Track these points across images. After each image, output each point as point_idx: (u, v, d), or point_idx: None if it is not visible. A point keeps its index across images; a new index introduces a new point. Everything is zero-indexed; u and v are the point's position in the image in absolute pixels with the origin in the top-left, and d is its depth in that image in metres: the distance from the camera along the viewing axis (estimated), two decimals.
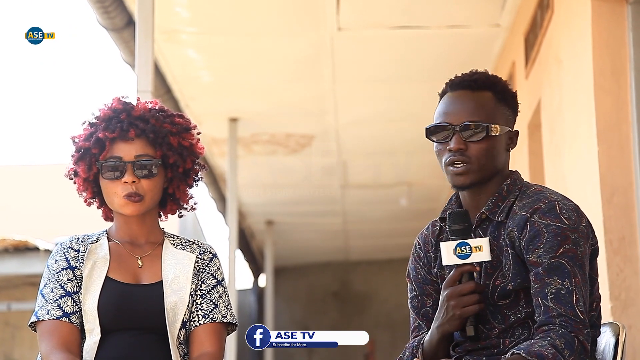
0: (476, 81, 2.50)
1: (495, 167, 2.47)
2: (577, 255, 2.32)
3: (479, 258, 2.40)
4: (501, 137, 2.47)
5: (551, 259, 2.31)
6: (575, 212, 2.37)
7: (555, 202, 2.37)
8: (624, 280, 4.20)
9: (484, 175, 2.46)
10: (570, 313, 2.26)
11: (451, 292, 2.40)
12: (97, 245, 2.74)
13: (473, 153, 2.45)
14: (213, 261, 2.79)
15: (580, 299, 2.27)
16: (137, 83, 4.53)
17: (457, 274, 2.41)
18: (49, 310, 2.64)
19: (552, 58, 5.30)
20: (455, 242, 2.41)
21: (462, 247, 2.40)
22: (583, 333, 2.25)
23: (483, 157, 2.45)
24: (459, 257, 2.40)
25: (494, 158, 2.46)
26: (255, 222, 12.50)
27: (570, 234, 2.33)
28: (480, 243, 2.40)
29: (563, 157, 5.07)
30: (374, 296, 15.33)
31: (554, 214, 2.35)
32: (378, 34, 6.70)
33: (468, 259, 2.40)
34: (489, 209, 2.47)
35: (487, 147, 2.45)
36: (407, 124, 8.46)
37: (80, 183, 2.77)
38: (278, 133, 8.89)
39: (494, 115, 2.47)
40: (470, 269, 2.40)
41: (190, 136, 2.81)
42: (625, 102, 4.33)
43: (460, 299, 2.39)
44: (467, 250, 2.40)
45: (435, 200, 11.15)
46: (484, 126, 2.44)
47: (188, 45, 6.89)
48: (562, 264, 2.30)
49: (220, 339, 2.71)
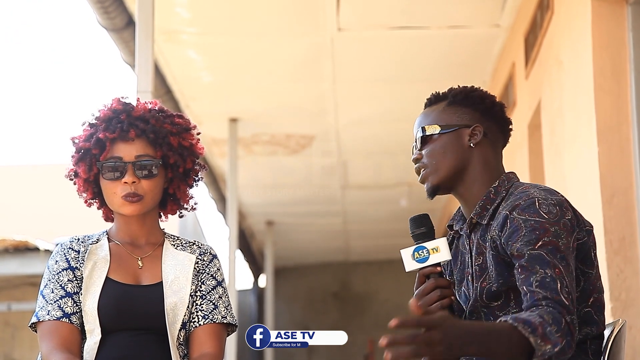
0: (433, 97, 2.62)
1: (453, 164, 2.53)
2: (558, 247, 2.30)
3: (438, 259, 2.45)
4: (448, 135, 2.53)
5: (531, 250, 2.32)
6: (557, 206, 2.35)
7: (535, 198, 2.37)
8: (624, 281, 4.20)
9: (441, 175, 2.54)
10: (555, 297, 2.25)
11: (416, 295, 2.48)
12: (97, 246, 2.74)
13: (424, 159, 2.56)
14: (213, 262, 2.79)
15: (564, 287, 2.26)
16: (137, 83, 4.53)
17: (420, 277, 2.48)
18: (50, 310, 2.64)
19: (552, 59, 5.30)
20: (412, 248, 2.47)
21: (419, 251, 2.46)
22: (568, 317, 2.23)
23: (432, 158, 2.54)
24: (417, 261, 2.46)
25: (444, 155, 2.53)
26: (256, 222, 12.50)
27: (550, 227, 2.32)
28: (436, 244, 2.45)
29: (563, 157, 5.07)
30: (374, 296, 15.33)
31: (532, 209, 2.35)
32: (378, 34, 6.70)
33: (427, 261, 2.45)
34: (476, 213, 2.50)
35: (432, 149, 2.54)
36: (407, 125, 8.40)
37: (81, 184, 2.77)
38: (278, 133, 8.89)
39: (437, 119, 2.56)
40: (431, 271, 2.46)
41: (190, 136, 2.81)
42: (625, 103, 4.33)
43: (424, 299, 2.45)
44: (424, 253, 2.46)
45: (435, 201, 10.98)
46: (422, 130, 2.56)
47: (188, 46, 6.89)
48: (542, 254, 2.30)
49: (220, 340, 2.71)
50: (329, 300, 15.45)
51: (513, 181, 2.53)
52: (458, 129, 2.54)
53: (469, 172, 2.53)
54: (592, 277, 2.43)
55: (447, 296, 2.44)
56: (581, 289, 2.41)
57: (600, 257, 4.17)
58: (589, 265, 2.42)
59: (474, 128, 2.54)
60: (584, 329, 2.40)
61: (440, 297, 2.43)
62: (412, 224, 2.50)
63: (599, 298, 2.43)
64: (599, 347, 2.42)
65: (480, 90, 2.61)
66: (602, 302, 2.44)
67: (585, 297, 2.41)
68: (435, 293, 2.44)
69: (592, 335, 2.41)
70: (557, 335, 2.15)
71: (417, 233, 2.49)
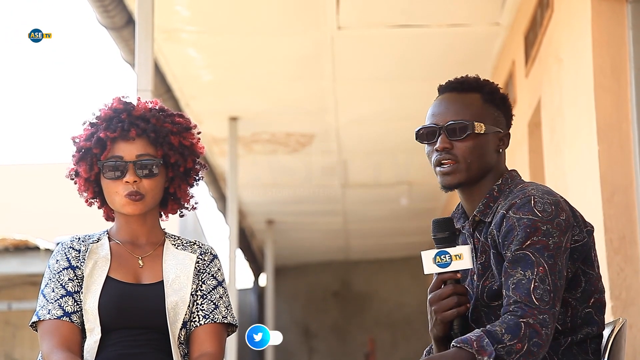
0: (463, 83, 2.55)
1: (483, 167, 2.49)
2: (548, 245, 2.31)
3: (459, 266, 2.40)
4: (488, 137, 2.49)
5: (516, 251, 2.33)
6: (553, 205, 2.35)
7: (532, 196, 2.37)
8: (625, 280, 4.20)
9: (471, 174, 2.49)
10: (525, 299, 2.28)
11: (432, 297, 2.43)
12: (98, 245, 2.75)
13: (459, 151, 2.48)
14: (214, 262, 2.80)
15: (539, 287, 2.27)
16: (137, 82, 4.52)
17: (438, 281, 2.44)
18: (50, 309, 2.64)
19: (552, 57, 5.30)
20: (434, 252, 2.42)
21: (441, 255, 2.41)
22: (537, 317, 2.26)
23: (469, 155, 2.48)
24: (439, 265, 2.41)
25: (481, 157, 2.48)
26: (256, 221, 12.50)
27: (542, 225, 2.32)
28: (460, 251, 2.40)
29: (563, 156, 5.07)
30: (374, 295, 15.32)
31: (527, 208, 2.35)
32: (378, 32, 6.70)
33: (448, 267, 2.40)
34: (480, 210, 2.49)
35: (473, 145, 2.48)
36: (407, 123, 8.45)
37: (82, 183, 2.77)
38: (278, 132, 8.89)
39: (480, 114, 2.50)
40: (451, 277, 2.42)
41: (190, 135, 2.81)
42: (625, 101, 4.33)
43: (440, 303, 2.41)
44: (446, 258, 2.41)
45: (435, 199, 11.15)
46: (467, 124, 2.48)
47: (188, 44, 6.89)
48: (527, 254, 2.31)
49: (220, 340, 2.71)
50: (329, 299, 15.45)
51: (516, 179, 2.53)
52: (496, 131, 2.51)
53: (488, 175, 2.51)
54: (594, 278, 2.43)
55: (464, 304, 2.41)
56: (582, 289, 2.41)
57: (601, 255, 4.16)
58: (590, 266, 2.42)
59: (505, 135, 2.53)
60: (584, 329, 2.40)
61: (457, 304, 2.40)
62: (436, 227, 2.45)
63: (600, 299, 2.43)
64: (599, 345, 2.42)
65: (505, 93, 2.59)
66: (602, 303, 2.44)
67: (587, 297, 2.41)
68: (452, 300, 2.40)
69: (593, 335, 2.41)
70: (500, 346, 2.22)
71: (440, 237, 2.43)
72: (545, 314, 2.26)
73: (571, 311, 2.40)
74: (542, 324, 2.26)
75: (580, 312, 2.40)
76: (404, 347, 14.83)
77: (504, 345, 2.23)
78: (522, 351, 2.23)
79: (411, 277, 14.71)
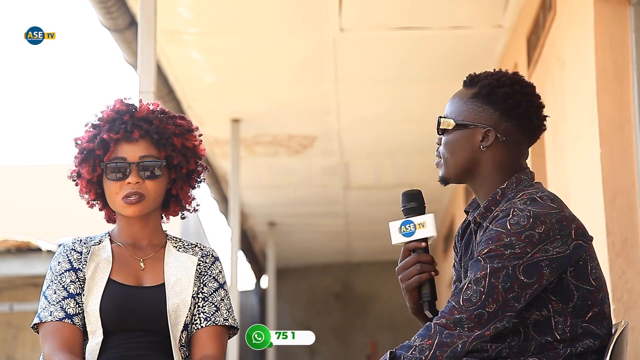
0: (466, 79, 2.56)
1: (460, 163, 2.50)
2: (502, 254, 2.30)
3: (424, 234, 2.45)
4: (461, 133, 2.49)
5: (472, 259, 2.37)
6: (532, 218, 2.32)
7: (512, 209, 2.35)
8: (627, 282, 4.20)
9: (449, 170, 2.51)
10: (453, 299, 2.32)
11: (397, 268, 2.48)
12: (99, 247, 2.75)
13: (441, 148, 2.53)
14: (215, 264, 2.80)
15: (471, 288, 2.30)
16: (140, 84, 4.52)
17: (405, 251, 2.48)
18: (52, 311, 2.64)
19: (554, 59, 5.29)
20: (400, 221, 2.47)
21: (406, 225, 2.46)
22: (451, 317, 2.29)
23: (443, 151, 2.52)
24: (404, 235, 2.46)
25: (454, 154, 2.49)
26: (258, 223, 12.50)
27: (506, 237, 2.32)
28: (423, 220, 2.45)
29: (565, 158, 5.07)
30: (376, 297, 15.32)
31: (502, 221, 2.35)
32: (380, 35, 6.70)
33: (412, 236, 2.45)
34: (480, 213, 2.49)
35: (445, 142, 2.52)
36: (409, 125, 8.46)
37: (84, 184, 2.77)
38: (280, 134, 8.89)
39: (458, 110, 2.51)
40: (415, 246, 2.46)
41: (193, 137, 2.82)
42: (627, 104, 4.33)
43: (404, 272, 2.46)
44: (411, 227, 2.46)
45: (437, 201, 11.14)
46: (439, 120, 2.52)
47: (190, 46, 6.89)
48: (478, 260, 2.33)
49: (221, 342, 2.72)
50: (331, 301, 15.45)
51: (523, 184, 2.49)
52: (472, 127, 2.49)
53: (479, 172, 2.50)
54: (592, 291, 2.38)
55: (427, 271, 2.44)
56: (574, 304, 2.37)
57: (603, 258, 4.15)
58: (584, 281, 2.37)
59: (487, 131, 2.48)
60: (585, 341, 2.37)
61: (420, 272, 2.44)
62: (404, 198, 2.50)
63: (600, 311, 2.39)
64: (601, 356, 2.39)
65: (510, 86, 2.50)
66: (603, 315, 2.40)
67: (582, 312, 2.37)
68: (415, 267, 2.44)
69: (595, 348, 2.38)
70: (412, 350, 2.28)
71: (407, 207, 2.49)
72: (463, 314, 2.29)
73: (570, 321, 2.36)
74: (455, 323, 2.29)
75: (580, 323, 2.37)
76: None
77: (415, 347, 2.29)
78: (433, 345, 2.27)
79: None
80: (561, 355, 2.35)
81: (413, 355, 2.27)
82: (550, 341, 2.36)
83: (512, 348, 2.36)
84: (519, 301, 2.31)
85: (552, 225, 2.34)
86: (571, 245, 2.36)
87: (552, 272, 2.33)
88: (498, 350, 2.37)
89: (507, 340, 2.38)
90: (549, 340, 2.36)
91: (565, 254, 2.35)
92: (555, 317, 2.36)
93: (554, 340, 2.36)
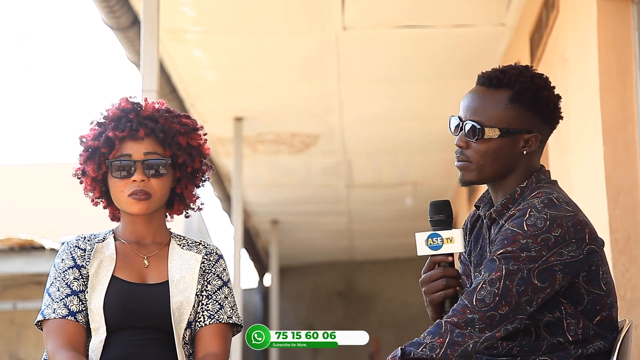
0: (493, 79, 2.46)
1: (499, 169, 2.46)
2: (518, 256, 2.30)
3: (451, 249, 2.43)
4: (505, 140, 2.43)
5: (488, 258, 2.36)
6: (549, 220, 2.31)
7: (530, 209, 2.34)
8: (630, 280, 4.20)
9: (484, 175, 2.46)
10: (467, 298, 2.31)
11: (423, 279, 2.47)
12: (103, 244, 2.75)
13: (471, 153, 2.46)
14: (219, 262, 2.80)
15: (485, 289, 2.30)
16: (142, 82, 4.53)
17: (430, 263, 2.46)
18: (55, 309, 2.65)
19: (557, 58, 5.29)
20: (427, 234, 2.44)
21: (433, 238, 2.44)
22: (463, 316, 2.29)
23: (480, 159, 2.45)
24: (430, 247, 2.44)
25: (495, 160, 2.44)
26: (261, 221, 12.51)
27: (522, 239, 2.31)
28: (452, 235, 2.42)
29: (568, 156, 5.07)
30: (379, 296, 15.33)
31: (518, 221, 2.34)
32: (383, 33, 6.70)
33: (439, 250, 2.43)
34: (497, 210, 2.47)
35: (485, 149, 2.44)
36: (412, 123, 8.46)
37: (89, 182, 2.77)
38: (283, 132, 8.89)
39: (499, 117, 2.43)
40: (442, 259, 2.44)
41: (198, 136, 2.82)
42: (630, 102, 4.33)
43: (429, 285, 2.45)
44: (438, 241, 2.43)
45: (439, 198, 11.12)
46: (479, 128, 2.43)
47: (193, 45, 6.90)
48: (493, 260, 2.32)
49: (225, 340, 2.72)
50: (334, 299, 15.45)
51: (541, 182, 2.48)
52: (517, 133, 2.44)
53: (512, 175, 2.47)
54: (602, 296, 2.39)
55: (452, 287, 2.43)
56: (583, 308, 2.38)
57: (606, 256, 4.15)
58: (595, 286, 2.38)
59: (532, 137, 2.45)
60: (596, 342, 2.38)
61: (445, 287, 2.42)
62: (432, 209, 2.47)
63: (608, 316, 2.40)
64: (608, 357, 2.40)
65: (547, 90, 2.47)
66: (611, 319, 2.41)
67: (591, 315, 2.38)
68: (441, 282, 2.43)
69: (603, 351, 2.39)
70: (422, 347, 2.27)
71: (435, 219, 2.46)
72: (475, 315, 2.29)
73: (582, 323, 2.37)
74: (466, 322, 2.28)
75: (591, 325, 2.38)
76: None
77: (425, 344, 2.28)
78: (444, 344, 2.26)
79: (415, 277, 14.60)
80: (572, 356, 2.36)
81: (424, 353, 2.26)
82: (562, 342, 2.37)
83: (523, 347, 2.37)
84: (531, 305, 2.31)
85: (568, 229, 2.33)
86: (585, 249, 2.36)
87: (564, 277, 2.34)
88: (509, 348, 2.37)
89: (519, 339, 2.39)
90: (561, 341, 2.37)
91: (578, 258, 2.34)
92: (568, 318, 2.37)
93: (566, 341, 2.37)
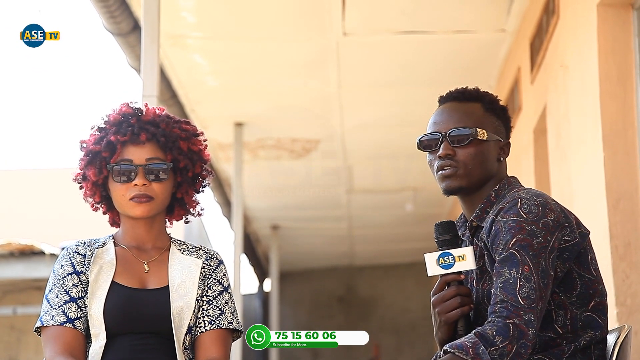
0: (463, 93, 2.60)
1: (484, 174, 2.54)
2: (532, 244, 2.34)
3: (463, 267, 2.45)
4: (490, 145, 2.54)
5: (503, 251, 2.37)
6: (540, 206, 2.39)
7: (519, 199, 2.41)
8: (630, 287, 4.20)
9: (472, 180, 2.53)
10: (511, 299, 2.31)
11: (435, 299, 2.47)
12: (103, 249, 2.75)
13: (461, 157, 2.53)
14: (219, 268, 2.80)
15: (525, 285, 2.31)
16: (143, 88, 4.53)
17: (441, 283, 2.47)
18: (54, 315, 2.64)
19: (557, 63, 5.29)
20: (438, 253, 2.46)
21: (445, 257, 2.45)
22: (522, 318, 2.29)
23: (471, 161, 2.52)
24: (442, 267, 2.45)
25: (482, 164, 2.53)
26: (261, 226, 12.51)
27: (527, 225, 2.36)
28: (463, 252, 2.45)
29: (569, 162, 5.07)
30: (379, 301, 15.32)
31: (513, 210, 2.39)
32: (383, 39, 6.71)
33: (451, 268, 2.45)
34: (476, 215, 2.52)
35: (475, 152, 2.53)
36: (412, 129, 8.45)
37: (89, 187, 2.77)
38: (283, 137, 8.90)
39: (482, 122, 2.55)
40: (454, 278, 2.46)
41: (198, 142, 2.83)
42: (631, 108, 4.33)
43: (443, 304, 2.45)
44: (450, 260, 2.45)
45: (440, 205, 11.14)
46: (470, 131, 2.53)
47: (194, 50, 6.90)
48: (513, 254, 2.35)
49: (225, 345, 2.72)
50: (334, 304, 15.45)
51: (513, 185, 2.56)
52: (496, 140, 2.56)
53: (488, 183, 2.56)
54: (592, 282, 2.44)
55: (467, 304, 2.44)
56: (578, 293, 2.42)
57: (606, 262, 4.16)
58: (586, 269, 2.44)
59: (506, 144, 2.58)
60: (587, 333, 2.41)
61: (460, 305, 2.44)
62: (438, 229, 2.49)
63: (602, 302, 2.44)
64: (603, 351, 2.42)
65: (505, 105, 2.65)
66: (605, 306, 2.45)
67: (585, 301, 2.43)
68: (456, 300, 2.44)
69: (596, 340, 2.42)
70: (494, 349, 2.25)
71: (442, 239, 2.48)
72: (530, 313, 2.30)
73: (570, 314, 2.41)
74: (527, 324, 2.29)
75: (580, 315, 2.41)
76: (408, 352, 14.81)
77: (497, 347, 2.27)
78: (511, 353, 2.27)
79: (416, 282, 14.70)
80: (566, 352, 2.38)
81: (492, 356, 2.27)
82: (553, 337, 2.39)
83: None
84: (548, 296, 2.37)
85: (559, 214, 2.41)
86: (577, 233, 2.43)
87: (564, 263, 2.40)
88: None
89: None
90: (552, 336, 2.40)
91: (574, 242, 2.42)
92: (556, 309, 2.41)
93: (556, 335, 2.39)
